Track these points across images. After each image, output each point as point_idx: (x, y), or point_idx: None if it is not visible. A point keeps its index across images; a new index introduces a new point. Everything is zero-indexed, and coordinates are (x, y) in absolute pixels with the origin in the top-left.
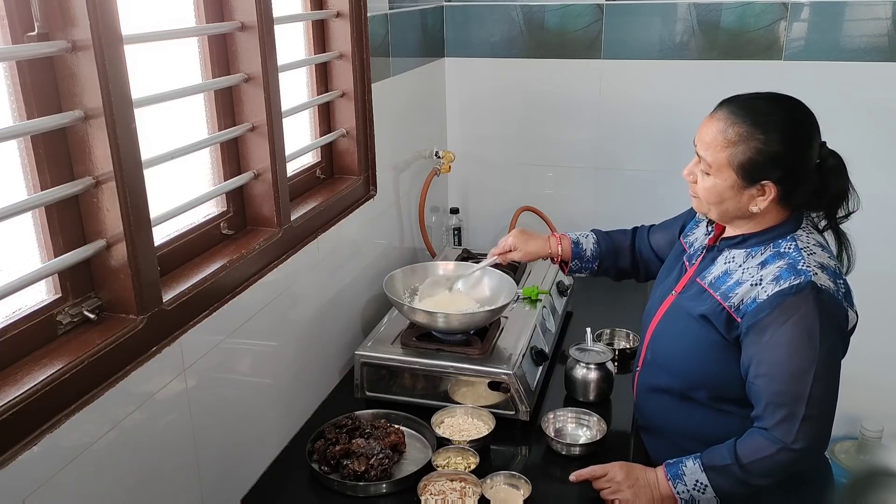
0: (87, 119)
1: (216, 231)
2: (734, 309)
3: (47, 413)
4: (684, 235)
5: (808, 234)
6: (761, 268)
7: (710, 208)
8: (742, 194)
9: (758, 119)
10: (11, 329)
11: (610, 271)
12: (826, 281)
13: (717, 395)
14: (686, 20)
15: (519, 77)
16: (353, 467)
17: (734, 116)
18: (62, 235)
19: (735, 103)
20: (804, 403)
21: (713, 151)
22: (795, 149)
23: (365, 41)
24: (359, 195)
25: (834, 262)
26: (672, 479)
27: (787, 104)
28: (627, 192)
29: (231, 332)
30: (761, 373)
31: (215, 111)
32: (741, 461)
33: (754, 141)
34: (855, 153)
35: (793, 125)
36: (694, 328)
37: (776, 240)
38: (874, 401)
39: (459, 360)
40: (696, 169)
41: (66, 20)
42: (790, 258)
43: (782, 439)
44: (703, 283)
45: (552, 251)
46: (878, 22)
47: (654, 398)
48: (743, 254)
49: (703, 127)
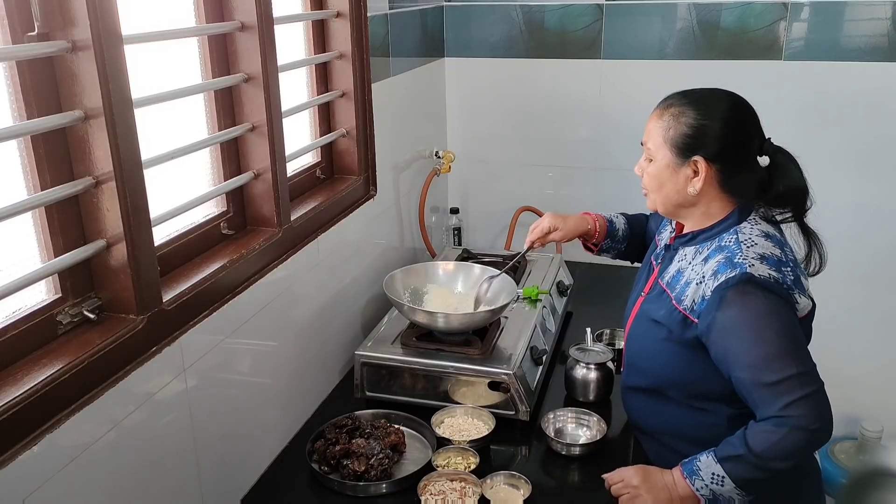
0: (87, 119)
1: (216, 231)
2: (689, 311)
3: (47, 413)
4: (658, 232)
5: (752, 225)
6: (704, 263)
7: (655, 199)
8: (678, 174)
9: (694, 99)
10: (11, 329)
11: (633, 254)
12: (766, 270)
13: (690, 392)
14: (686, 20)
15: (519, 77)
16: (353, 467)
17: (672, 100)
18: (62, 235)
19: (677, 93)
20: (798, 382)
21: (653, 134)
22: (728, 127)
23: (365, 41)
24: (359, 195)
25: (780, 251)
26: (689, 477)
27: (727, 93)
28: (627, 192)
29: (231, 332)
30: (738, 367)
31: (215, 111)
32: (754, 451)
33: (686, 117)
34: (855, 153)
35: (728, 106)
36: (656, 331)
37: (720, 234)
38: (874, 401)
39: (459, 360)
40: (643, 162)
41: (66, 20)
42: (728, 251)
43: (792, 422)
44: (662, 284)
45: (590, 227)
46: (878, 22)
47: (634, 398)
48: (693, 251)
49: (648, 118)
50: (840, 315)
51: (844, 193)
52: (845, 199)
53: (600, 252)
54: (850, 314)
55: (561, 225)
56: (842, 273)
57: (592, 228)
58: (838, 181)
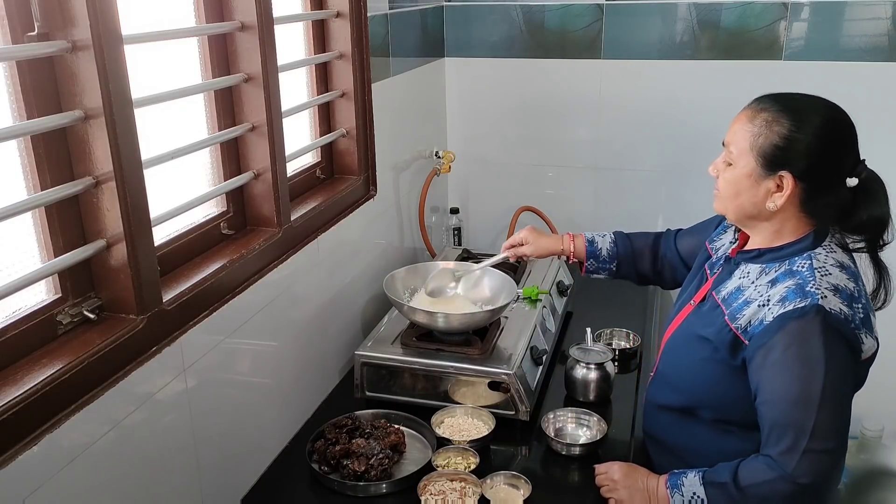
0: (87, 119)
1: (216, 231)
2: (741, 331)
3: (47, 413)
4: (710, 240)
5: (828, 252)
6: (771, 286)
7: (727, 205)
8: (759, 186)
9: (790, 107)
10: (11, 329)
11: (630, 275)
12: (837, 304)
13: (721, 416)
14: (686, 20)
15: (519, 77)
16: (353, 467)
17: (767, 103)
18: (62, 235)
19: (772, 95)
20: (807, 435)
21: (739, 137)
22: (823, 144)
23: (365, 41)
24: (359, 195)
25: (854, 285)
26: (671, 489)
27: (827, 103)
28: (627, 192)
29: (231, 332)
30: (765, 399)
31: (215, 111)
32: (739, 483)
33: (779, 126)
34: None
35: (826, 121)
36: (700, 348)
37: (792, 257)
38: (874, 401)
39: (459, 360)
40: (720, 163)
41: (66, 20)
42: (800, 277)
43: (783, 468)
44: (717, 298)
45: (564, 248)
46: (878, 22)
47: (660, 412)
48: (758, 269)
49: (736, 118)
50: None
51: None
52: None
53: (588, 273)
54: None
55: (532, 240)
56: None
57: (566, 249)
58: None
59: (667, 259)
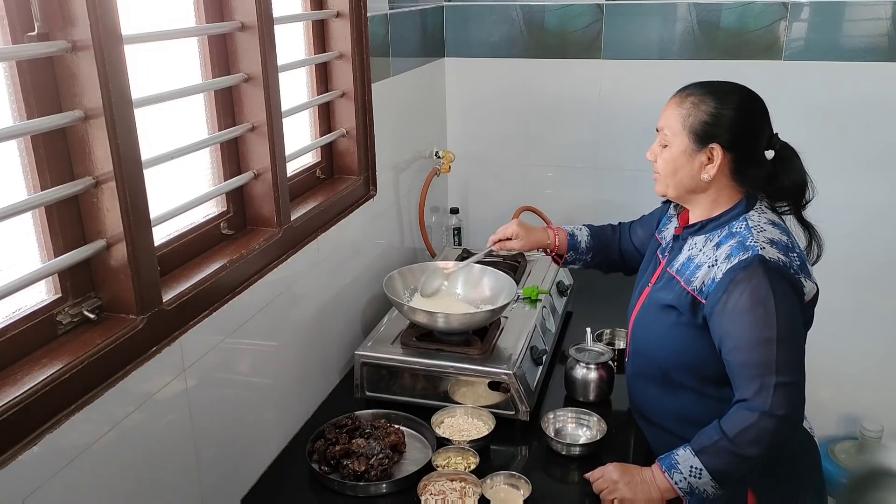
0: (87, 119)
1: (216, 231)
2: (697, 292)
3: (47, 413)
4: (659, 231)
5: (760, 213)
6: (716, 249)
7: (668, 183)
8: (693, 160)
9: (711, 90)
10: (11, 329)
11: (601, 265)
12: (776, 254)
13: (697, 375)
14: (686, 20)
15: (519, 77)
16: (353, 467)
17: (691, 89)
18: (62, 235)
19: (694, 83)
20: (773, 371)
21: (671, 120)
22: (746, 118)
23: (365, 41)
24: (359, 195)
25: (786, 237)
26: (667, 471)
27: (742, 86)
28: (627, 192)
29: (231, 332)
30: (730, 348)
31: (215, 111)
32: (728, 435)
33: (705, 105)
34: (854, 153)
35: (743, 98)
36: (665, 316)
37: (730, 222)
38: (874, 401)
39: (459, 360)
40: (657, 147)
41: (66, 20)
42: (740, 236)
43: (760, 407)
44: (671, 272)
45: (551, 241)
46: (878, 22)
47: (641, 385)
48: (703, 239)
49: (665, 105)
50: (841, 315)
51: (844, 193)
52: (845, 199)
53: (565, 264)
54: (850, 314)
55: (522, 234)
56: (841, 273)
57: (552, 242)
58: (837, 181)
59: (625, 249)
